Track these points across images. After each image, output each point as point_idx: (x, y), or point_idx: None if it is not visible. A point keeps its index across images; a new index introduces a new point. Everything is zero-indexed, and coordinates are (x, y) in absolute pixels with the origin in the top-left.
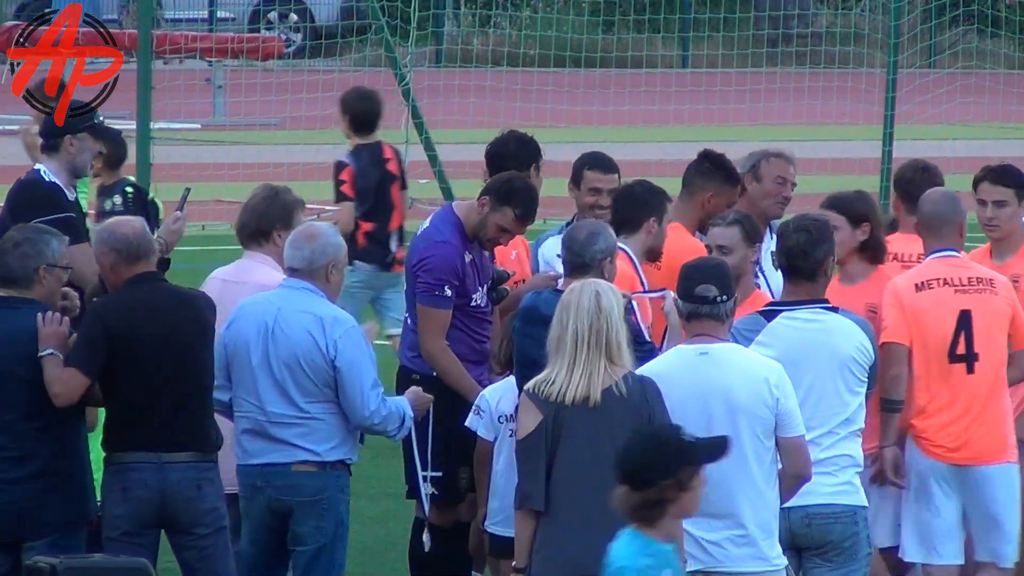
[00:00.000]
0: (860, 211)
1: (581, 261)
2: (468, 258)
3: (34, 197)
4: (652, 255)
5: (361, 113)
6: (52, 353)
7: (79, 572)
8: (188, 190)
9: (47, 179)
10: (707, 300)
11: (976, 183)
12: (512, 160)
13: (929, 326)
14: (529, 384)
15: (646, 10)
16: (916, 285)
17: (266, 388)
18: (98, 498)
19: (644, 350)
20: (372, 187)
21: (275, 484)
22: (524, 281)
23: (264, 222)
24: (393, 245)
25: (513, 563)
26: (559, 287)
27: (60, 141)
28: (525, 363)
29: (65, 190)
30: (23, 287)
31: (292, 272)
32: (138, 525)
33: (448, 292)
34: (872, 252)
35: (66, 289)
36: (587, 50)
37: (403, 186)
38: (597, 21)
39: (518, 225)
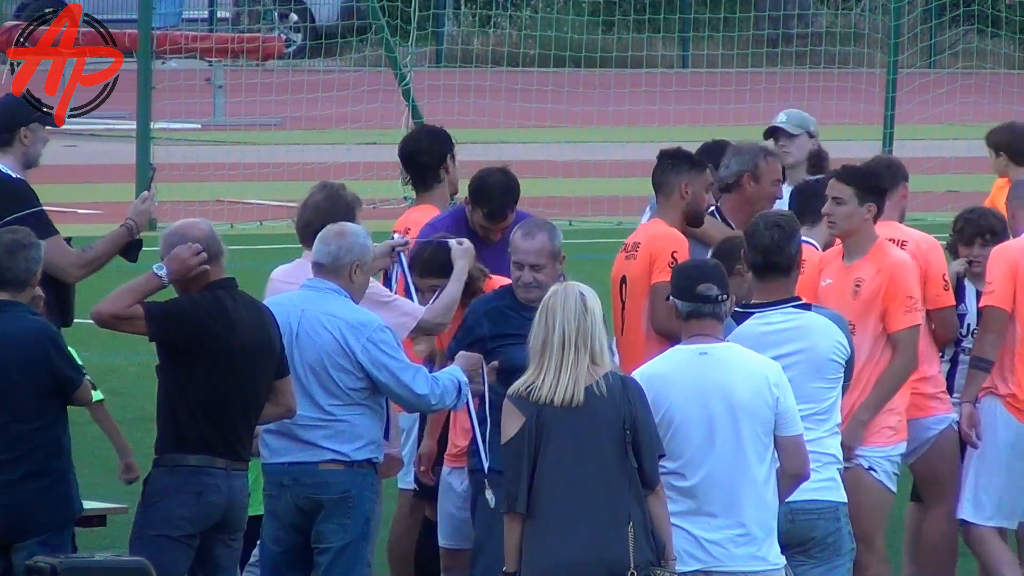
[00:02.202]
0: None
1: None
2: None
3: (4, 193)
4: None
5: None
6: (160, 276)
7: (79, 572)
8: (153, 169)
9: (13, 175)
10: (710, 299)
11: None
12: (425, 155)
13: None
14: (511, 388)
15: (646, 10)
16: None
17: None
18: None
19: None
20: None
21: (302, 482)
22: None
23: (333, 220)
24: None
25: (504, 568)
26: None
27: (14, 134)
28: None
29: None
30: (17, 291)
31: (318, 268)
32: (198, 528)
33: None
34: None
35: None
36: (587, 50)
37: None
38: (597, 21)
39: (491, 223)
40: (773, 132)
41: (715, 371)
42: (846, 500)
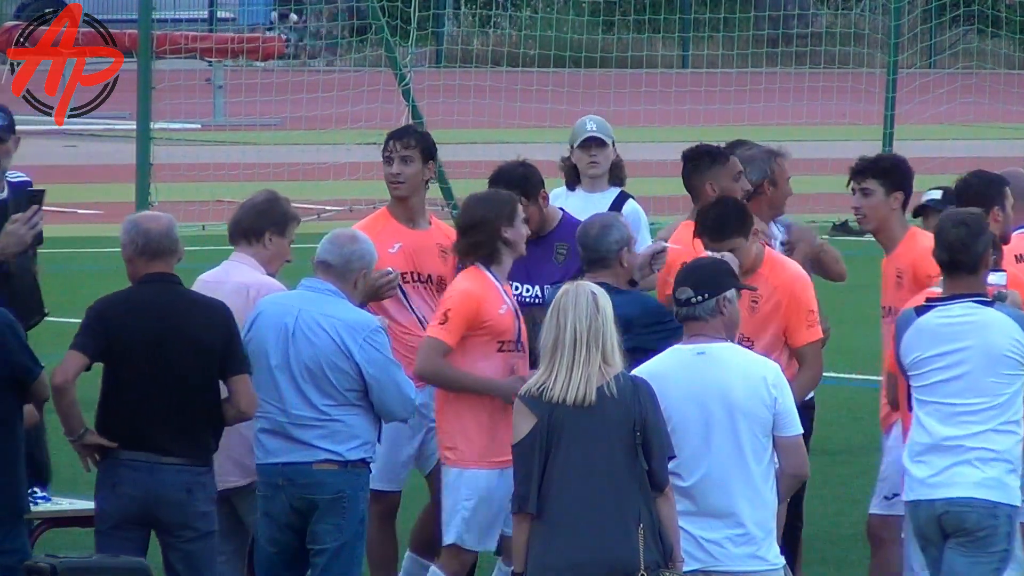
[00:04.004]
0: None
1: (597, 255)
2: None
3: None
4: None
5: None
6: None
7: (79, 572)
8: (42, 192)
9: None
10: (681, 302)
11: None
12: None
13: None
14: (522, 388)
15: (646, 10)
16: None
17: (287, 390)
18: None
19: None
20: None
21: (297, 482)
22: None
23: (261, 221)
24: None
25: (512, 569)
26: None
27: None
28: None
29: None
30: None
31: (324, 268)
32: (125, 521)
33: None
34: None
35: None
36: (587, 50)
37: None
38: (597, 21)
39: None
40: (588, 142)
41: (712, 371)
42: (1015, 503)
